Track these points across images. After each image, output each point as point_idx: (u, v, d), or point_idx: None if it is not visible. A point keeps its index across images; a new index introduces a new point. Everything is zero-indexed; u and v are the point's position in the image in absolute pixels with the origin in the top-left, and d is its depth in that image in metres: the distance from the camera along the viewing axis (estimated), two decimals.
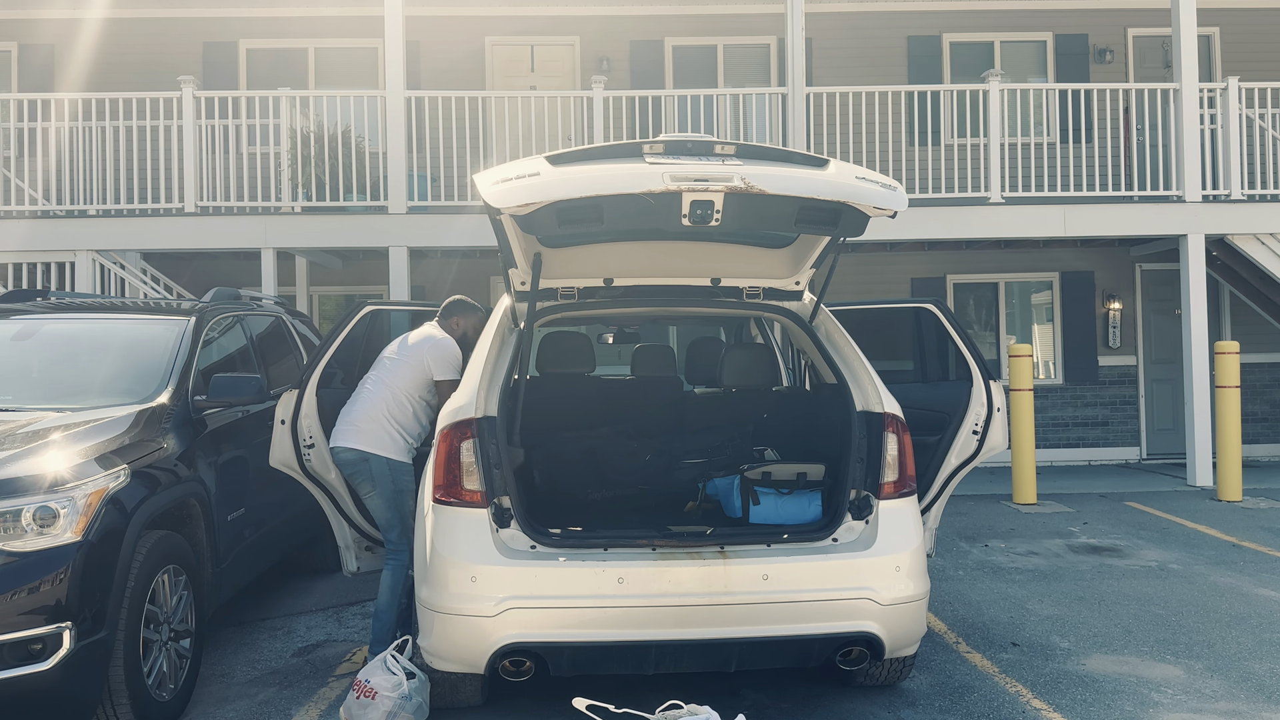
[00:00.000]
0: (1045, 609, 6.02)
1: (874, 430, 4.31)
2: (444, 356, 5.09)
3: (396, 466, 4.95)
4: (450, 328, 5.32)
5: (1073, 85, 10.87)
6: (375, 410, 4.96)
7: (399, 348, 5.20)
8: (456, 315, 5.36)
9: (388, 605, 4.94)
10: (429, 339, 5.17)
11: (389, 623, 4.93)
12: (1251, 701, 4.53)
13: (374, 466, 4.90)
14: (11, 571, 3.66)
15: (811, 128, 10.72)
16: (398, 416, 4.99)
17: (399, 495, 4.94)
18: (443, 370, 5.06)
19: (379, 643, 4.85)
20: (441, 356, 5.09)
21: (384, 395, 4.99)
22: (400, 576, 4.96)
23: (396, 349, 5.19)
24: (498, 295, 11.69)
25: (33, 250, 9.92)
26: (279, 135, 10.38)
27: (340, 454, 4.95)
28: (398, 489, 4.93)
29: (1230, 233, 10.56)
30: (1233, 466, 9.53)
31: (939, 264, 12.49)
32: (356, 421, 4.94)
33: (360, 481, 4.97)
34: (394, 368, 5.08)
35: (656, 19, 12.55)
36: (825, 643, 4.04)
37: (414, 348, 5.14)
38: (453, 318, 5.36)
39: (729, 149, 3.86)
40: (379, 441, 4.92)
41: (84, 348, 5.39)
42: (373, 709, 4.10)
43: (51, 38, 12.30)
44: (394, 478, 4.93)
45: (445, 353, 5.11)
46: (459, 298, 5.43)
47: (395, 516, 4.95)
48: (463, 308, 5.40)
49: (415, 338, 5.24)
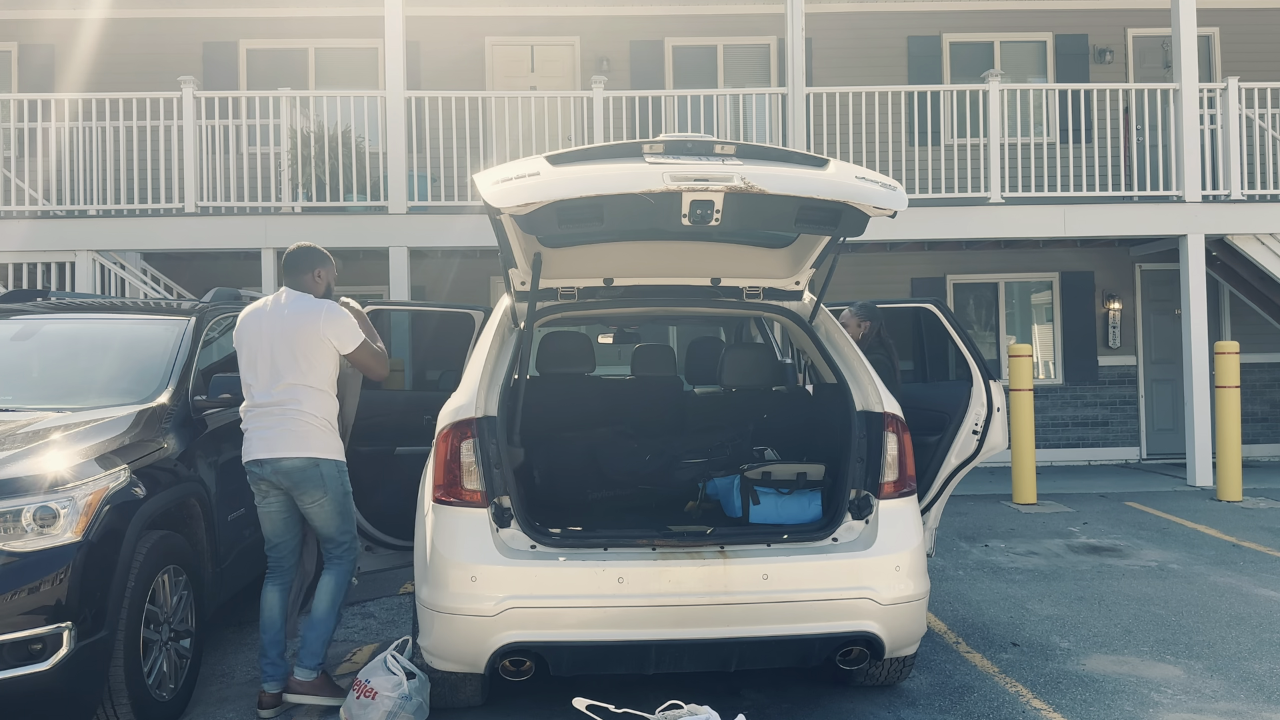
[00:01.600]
0: (1045, 609, 6.02)
1: (874, 430, 4.31)
2: (339, 320, 4.44)
3: (344, 468, 4.55)
4: (313, 284, 4.58)
5: (1073, 85, 10.88)
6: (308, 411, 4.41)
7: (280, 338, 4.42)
8: (318, 266, 4.60)
9: (326, 614, 4.52)
10: (310, 313, 4.42)
11: (325, 634, 4.52)
12: (1251, 701, 4.53)
13: (325, 471, 4.43)
14: (11, 571, 3.66)
15: (811, 128, 10.73)
16: (329, 410, 4.49)
17: (348, 498, 4.55)
18: (351, 336, 4.45)
19: (311, 656, 4.47)
20: (338, 322, 4.43)
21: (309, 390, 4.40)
22: (344, 583, 4.56)
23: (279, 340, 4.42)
24: (498, 295, 11.69)
25: (33, 250, 9.92)
26: (279, 135, 10.39)
27: (285, 463, 4.39)
28: (346, 491, 4.54)
29: (1230, 233, 10.56)
30: (1232, 466, 9.53)
31: (939, 264, 12.49)
32: (292, 426, 4.39)
33: (309, 489, 4.43)
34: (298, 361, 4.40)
35: (656, 19, 12.55)
36: (825, 642, 4.04)
37: (302, 331, 4.39)
38: (315, 269, 4.59)
39: (729, 149, 3.86)
40: (325, 444, 4.45)
41: (84, 348, 5.39)
42: (373, 709, 4.10)
43: (51, 38, 12.30)
44: (342, 480, 4.52)
45: (337, 316, 4.46)
46: (303, 245, 4.64)
47: (348, 522, 4.56)
48: (316, 256, 4.60)
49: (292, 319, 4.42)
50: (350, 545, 4.60)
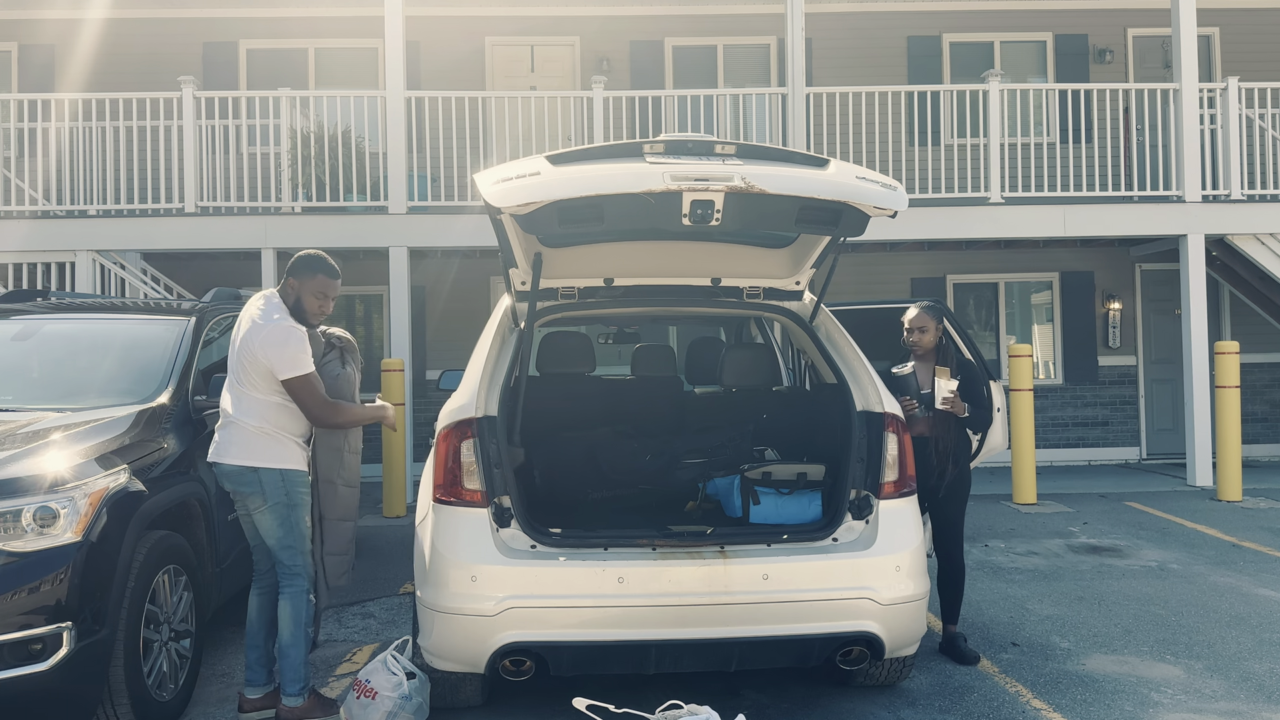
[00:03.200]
0: (1045, 609, 6.02)
1: (874, 430, 4.31)
2: (279, 346, 4.10)
3: (293, 478, 4.26)
4: (285, 293, 4.32)
5: (1073, 85, 10.88)
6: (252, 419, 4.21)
7: (236, 343, 4.28)
8: (289, 275, 4.31)
9: (292, 640, 4.27)
10: (257, 327, 4.17)
11: (298, 659, 4.28)
12: (1251, 701, 4.53)
13: (264, 479, 4.21)
14: (11, 571, 3.66)
15: (811, 128, 10.73)
16: (275, 418, 4.23)
17: (293, 510, 4.25)
18: (286, 366, 4.11)
19: (293, 682, 4.27)
20: (277, 348, 4.10)
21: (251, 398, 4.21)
22: (301, 605, 4.30)
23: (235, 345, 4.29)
24: (498, 295, 11.70)
25: (33, 250, 9.93)
26: (279, 135, 10.39)
27: (225, 468, 4.25)
28: (292, 504, 4.25)
29: (1230, 233, 10.56)
30: (1232, 466, 9.53)
31: (939, 264, 12.49)
32: (233, 434, 4.25)
33: (248, 496, 4.25)
34: (245, 369, 4.21)
35: (656, 19, 12.55)
36: (825, 642, 4.04)
37: (247, 342, 4.19)
38: (286, 277, 4.32)
39: (729, 149, 3.86)
40: (267, 452, 4.20)
41: (84, 348, 5.39)
42: (373, 709, 4.10)
43: (51, 38, 12.30)
44: (287, 491, 4.23)
45: (278, 339, 4.11)
46: (302, 254, 4.35)
47: (291, 535, 4.26)
48: (295, 265, 4.30)
49: (246, 326, 4.23)
50: (300, 565, 4.30)
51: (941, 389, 4.96)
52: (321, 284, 4.32)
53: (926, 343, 5.15)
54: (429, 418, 10.24)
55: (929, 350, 5.18)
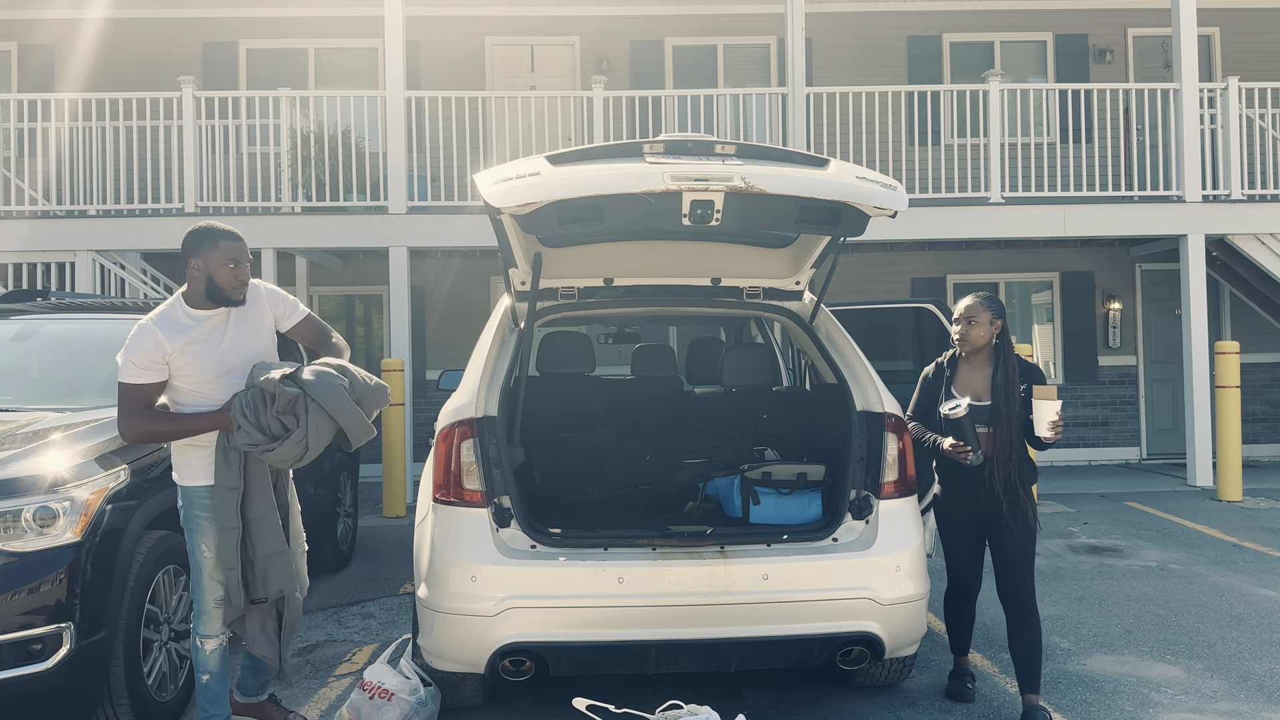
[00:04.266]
0: (1045, 609, 6.01)
1: (874, 430, 4.30)
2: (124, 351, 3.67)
3: (186, 495, 3.84)
4: (192, 280, 3.78)
5: (1073, 85, 10.88)
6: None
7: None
8: (190, 258, 3.77)
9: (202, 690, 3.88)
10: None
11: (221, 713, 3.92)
12: (1251, 701, 4.53)
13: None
14: (11, 571, 3.66)
15: (811, 128, 10.73)
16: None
17: (190, 535, 3.83)
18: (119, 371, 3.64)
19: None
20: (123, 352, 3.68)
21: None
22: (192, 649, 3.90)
23: None
24: (498, 295, 11.70)
25: (33, 250, 9.93)
26: (279, 135, 10.39)
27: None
28: (189, 528, 3.83)
29: (1230, 233, 10.56)
30: (1233, 466, 9.53)
31: (939, 264, 12.50)
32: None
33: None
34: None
35: (656, 19, 12.55)
36: (825, 643, 4.04)
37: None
38: (189, 263, 3.77)
39: (729, 149, 3.86)
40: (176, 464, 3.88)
41: (84, 348, 5.39)
42: (388, 710, 4.06)
43: (51, 38, 12.30)
44: (185, 511, 3.85)
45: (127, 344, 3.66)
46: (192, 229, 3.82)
47: (190, 556, 3.85)
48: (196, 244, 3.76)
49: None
50: (197, 599, 3.85)
51: (1044, 413, 4.07)
52: (226, 251, 3.75)
53: (975, 337, 4.29)
54: (429, 418, 10.24)
55: (979, 348, 4.33)
